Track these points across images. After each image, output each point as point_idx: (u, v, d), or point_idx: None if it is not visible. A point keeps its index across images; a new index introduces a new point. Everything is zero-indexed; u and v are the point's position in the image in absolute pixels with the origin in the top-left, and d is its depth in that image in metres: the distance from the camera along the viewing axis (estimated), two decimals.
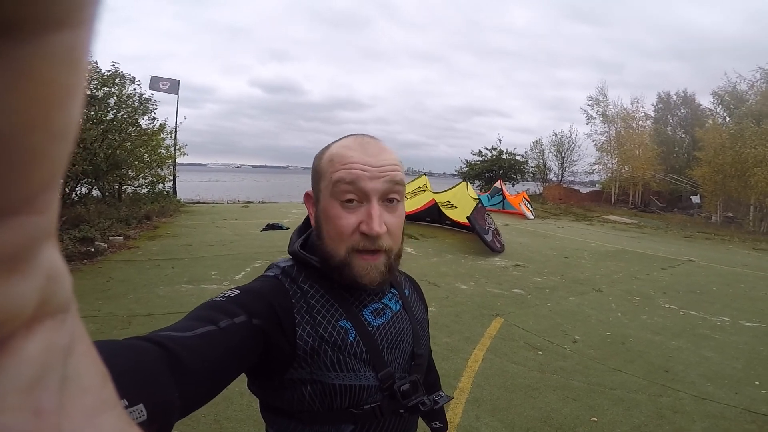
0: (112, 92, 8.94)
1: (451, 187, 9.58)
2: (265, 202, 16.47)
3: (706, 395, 2.89)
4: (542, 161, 26.97)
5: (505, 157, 23.78)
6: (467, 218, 7.77)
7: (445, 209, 9.26)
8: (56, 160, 0.11)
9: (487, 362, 3.20)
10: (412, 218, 9.71)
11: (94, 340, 0.17)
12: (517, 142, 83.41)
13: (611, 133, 25.18)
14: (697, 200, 20.20)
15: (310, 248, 0.70)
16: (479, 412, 2.55)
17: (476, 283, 5.42)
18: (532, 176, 26.12)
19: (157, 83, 14.46)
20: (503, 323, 4.02)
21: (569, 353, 3.46)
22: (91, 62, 0.12)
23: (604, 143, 25.37)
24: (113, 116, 8.73)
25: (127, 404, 0.38)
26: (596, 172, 26.16)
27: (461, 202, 8.72)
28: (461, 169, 24.72)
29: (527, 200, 15.04)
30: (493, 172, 23.11)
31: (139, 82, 10.03)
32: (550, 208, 18.31)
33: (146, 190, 11.58)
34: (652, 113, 26.57)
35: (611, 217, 16.86)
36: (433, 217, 9.94)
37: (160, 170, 12.10)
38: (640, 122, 25.27)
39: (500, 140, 24.63)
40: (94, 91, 8.32)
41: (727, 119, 20.89)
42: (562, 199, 22.08)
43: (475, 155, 24.44)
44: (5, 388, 0.12)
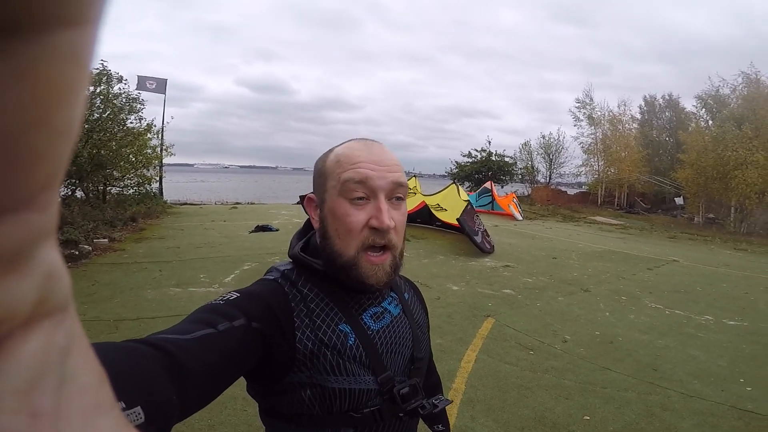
0: (98, 91, 8.79)
1: (440, 189, 9.64)
2: (254, 203, 16.34)
3: (693, 393, 2.94)
4: (530, 163, 27.31)
5: (494, 158, 24.01)
6: (457, 220, 7.84)
7: (435, 212, 9.31)
8: (58, 158, 0.11)
9: (480, 362, 3.22)
10: None
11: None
12: (505, 143, 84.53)
13: (598, 135, 25.63)
14: (680, 202, 20.65)
15: (311, 252, 0.70)
16: (474, 412, 2.56)
17: (467, 283, 5.44)
18: (520, 178, 26.42)
19: (144, 83, 14.25)
20: (495, 323, 4.04)
21: (560, 353, 3.50)
22: (96, 61, 0.12)
23: (590, 145, 25.82)
24: (98, 116, 8.58)
25: (124, 406, 0.38)
26: (583, 173, 26.59)
27: (451, 204, 8.77)
28: (451, 170, 24.85)
29: (516, 201, 15.20)
30: (482, 173, 23.30)
31: (126, 81, 9.89)
32: (538, 209, 18.52)
33: (132, 191, 11.40)
34: (638, 116, 27.18)
35: (598, 218, 17.13)
36: (423, 218, 9.97)
37: (146, 171, 11.91)
38: (626, 125, 25.79)
39: (489, 142, 25.04)
40: None
41: (709, 122, 21.41)
42: (549, 200, 22.37)
43: (464, 156, 24.66)
44: (2, 389, 0.11)
